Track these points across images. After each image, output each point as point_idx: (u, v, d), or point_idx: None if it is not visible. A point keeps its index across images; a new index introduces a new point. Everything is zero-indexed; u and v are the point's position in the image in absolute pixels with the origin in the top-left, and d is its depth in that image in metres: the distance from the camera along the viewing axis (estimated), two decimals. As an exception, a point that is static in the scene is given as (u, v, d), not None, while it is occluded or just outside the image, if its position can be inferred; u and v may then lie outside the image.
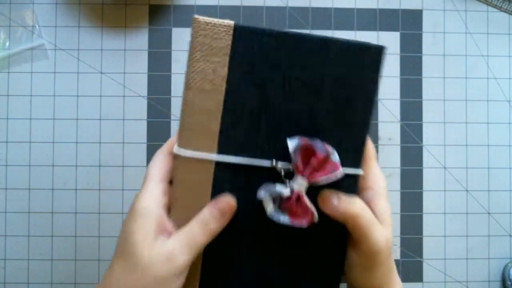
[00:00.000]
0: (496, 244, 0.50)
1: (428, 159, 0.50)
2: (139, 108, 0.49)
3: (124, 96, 0.49)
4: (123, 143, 0.49)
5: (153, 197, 0.32)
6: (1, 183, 0.49)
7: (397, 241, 0.50)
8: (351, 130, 0.33)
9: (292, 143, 0.32)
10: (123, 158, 0.49)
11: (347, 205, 0.32)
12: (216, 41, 0.32)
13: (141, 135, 0.49)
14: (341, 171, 0.31)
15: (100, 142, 0.49)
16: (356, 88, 0.33)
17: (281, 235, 0.34)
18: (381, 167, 0.49)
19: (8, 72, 0.49)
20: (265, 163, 0.33)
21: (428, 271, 0.50)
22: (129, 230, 0.31)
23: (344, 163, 0.32)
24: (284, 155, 0.32)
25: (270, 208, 0.32)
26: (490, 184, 0.51)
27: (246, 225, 0.33)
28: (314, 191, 0.32)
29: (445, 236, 0.50)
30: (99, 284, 0.33)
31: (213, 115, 0.32)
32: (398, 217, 0.50)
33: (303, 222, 0.32)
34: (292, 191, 0.32)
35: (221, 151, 0.33)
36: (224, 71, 0.32)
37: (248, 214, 0.33)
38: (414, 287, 0.50)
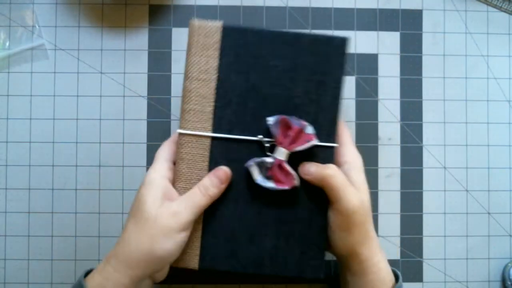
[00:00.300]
0: (496, 244, 0.50)
1: (428, 159, 0.50)
2: (139, 108, 0.49)
3: (124, 96, 0.49)
4: (123, 143, 0.49)
5: (159, 171, 0.39)
6: (1, 183, 0.49)
7: (397, 241, 0.50)
8: (324, 109, 0.39)
9: (271, 120, 0.38)
10: (123, 158, 0.49)
11: (322, 169, 0.37)
12: (208, 38, 0.39)
13: (141, 135, 0.49)
14: (315, 141, 0.38)
15: (100, 142, 0.49)
16: (325, 73, 0.39)
17: (271, 204, 0.39)
18: (381, 167, 0.50)
19: (8, 72, 0.49)
20: (253, 138, 0.39)
21: (428, 271, 0.50)
22: (141, 195, 0.37)
23: (319, 137, 0.38)
24: (269, 132, 0.38)
25: (256, 175, 0.38)
26: (490, 184, 0.51)
27: (240, 191, 0.39)
28: (296, 162, 0.38)
29: (445, 236, 0.50)
30: (113, 247, 0.37)
31: (207, 99, 0.39)
32: (398, 217, 0.50)
33: (286, 186, 0.37)
34: (274, 159, 0.37)
35: (215, 129, 0.39)
36: (215, 63, 0.39)
37: (241, 182, 0.39)
38: (414, 287, 0.50)
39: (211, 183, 0.38)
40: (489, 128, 0.51)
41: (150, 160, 0.49)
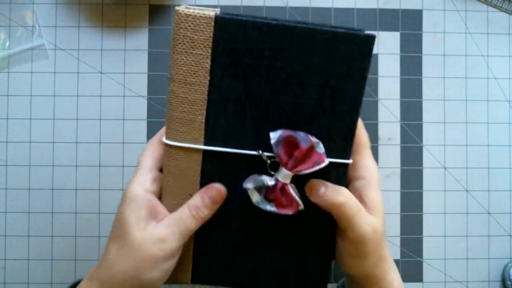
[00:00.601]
0: (496, 244, 0.50)
1: (428, 159, 0.50)
2: (139, 108, 0.49)
3: (124, 96, 0.49)
4: (123, 143, 0.49)
5: (142, 184, 0.34)
6: (1, 183, 0.49)
7: (397, 241, 0.50)
8: (339, 121, 0.32)
9: (274, 136, 0.31)
10: (123, 158, 0.49)
11: (332, 194, 0.32)
12: (197, 33, 0.31)
13: (141, 135, 0.49)
14: (326, 162, 0.31)
15: (100, 142, 0.49)
16: (344, 78, 0.32)
17: (269, 221, 0.34)
18: (381, 167, 0.50)
19: (8, 72, 0.49)
20: (252, 153, 0.33)
21: (428, 271, 0.50)
22: (122, 214, 0.33)
23: (332, 153, 0.32)
24: (271, 145, 0.32)
25: (255, 197, 0.32)
26: (490, 184, 0.51)
27: (236, 206, 0.34)
28: (301, 179, 0.32)
29: (445, 236, 0.50)
30: (94, 268, 0.33)
31: (198, 106, 0.33)
32: (398, 217, 0.50)
33: (288, 211, 0.32)
34: (276, 181, 0.32)
35: (208, 141, 0.33)
36: (207, 63, 0.32)
37: (237, 197, 0.34)
38: (414, 287, 0.50)
39: (203, 204, 0.33)
40: (489, 128, 0.51)
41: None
